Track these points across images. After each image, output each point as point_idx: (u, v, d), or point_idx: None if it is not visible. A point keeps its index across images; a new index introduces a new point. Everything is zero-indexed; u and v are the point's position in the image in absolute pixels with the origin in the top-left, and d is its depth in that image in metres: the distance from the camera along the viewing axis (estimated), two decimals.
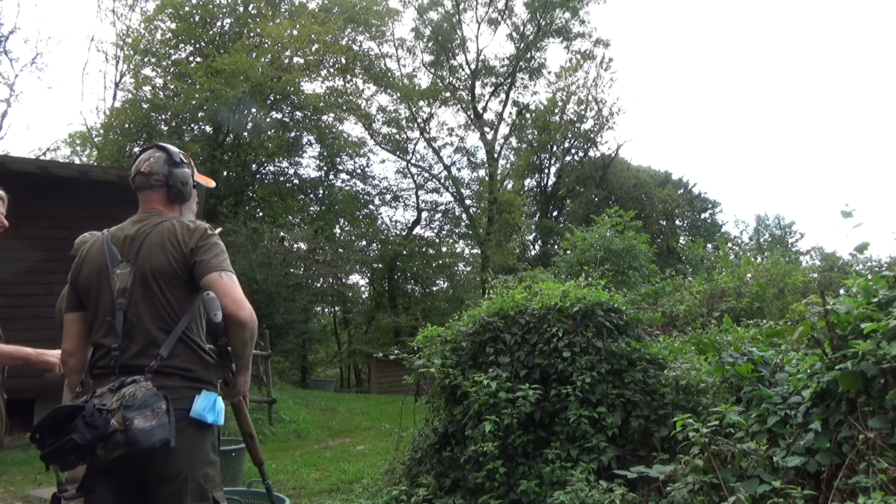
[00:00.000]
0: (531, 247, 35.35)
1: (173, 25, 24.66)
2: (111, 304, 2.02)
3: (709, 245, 23.22)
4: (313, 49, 25.11)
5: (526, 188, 35.66)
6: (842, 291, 6.79)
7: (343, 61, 26.77)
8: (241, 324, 1.96)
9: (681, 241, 29.73)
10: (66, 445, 1.73)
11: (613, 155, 32.95)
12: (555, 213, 35.42)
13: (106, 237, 2.16)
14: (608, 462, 4.32)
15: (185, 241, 2.05)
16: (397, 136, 30.92)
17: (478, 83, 31.26)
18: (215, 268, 2.02)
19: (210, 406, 1.97)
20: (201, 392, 1.97)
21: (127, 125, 23.56)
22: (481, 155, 31.82)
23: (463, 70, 31.42)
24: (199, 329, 2.09)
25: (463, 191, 31.72)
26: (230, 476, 5.26)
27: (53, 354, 2.43)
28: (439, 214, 32.79)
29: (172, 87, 23.88)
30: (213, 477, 1.98)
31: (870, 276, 3.88)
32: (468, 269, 32.06)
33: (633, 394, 4.61)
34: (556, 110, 32.04)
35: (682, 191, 36.67)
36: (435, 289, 31.54)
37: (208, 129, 24.49)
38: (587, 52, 31.01)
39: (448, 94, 30.92)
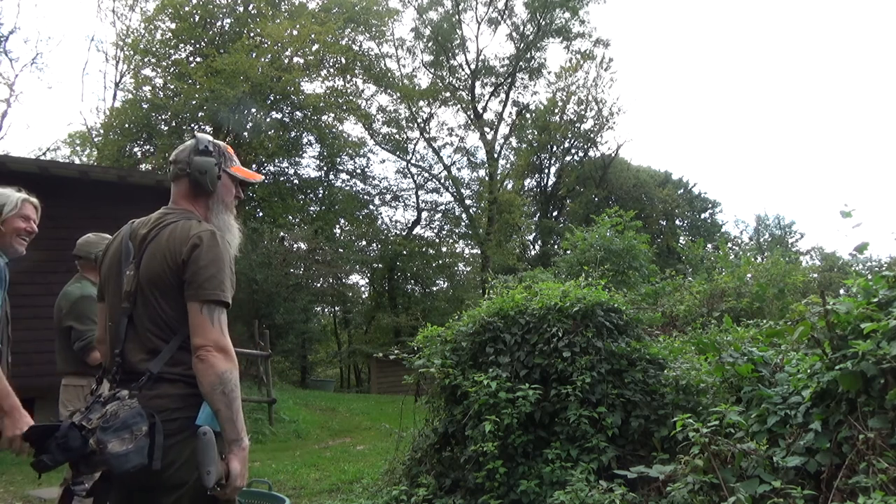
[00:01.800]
0: (531, 247, 35.37)
1: (173, 25, 24.68)
2: (118, 307, 1.96)
3: (709, 245, 23.21)
4: (313, 49, 25.15)
5: (526, 188, 35.67)
6: (842, 291, 6.80)
7: (343, 61, 26.79)
8: (202, 361, 1.79)
9: (681, 241, 29.73)
10: (38, 466, 1.70)
11: (613, 155, 32.98)
12: (555, 213, 35.44)
13: (126, 232, 2.05)
14: (608, 462, 4.32)
15: (180, 251, 1.89)
16: (397, 136, 30.96)
17: (478, 83, 31.29)
18: (200, 296, 1.84)
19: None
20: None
21: (127, 125, 23.60)
22: (481, 155, 31.90)
23: (463, 70, 31.47)
24: None
25: (463, 191, 31.76)
26: None
27: (21, 424, 2.31)
28: (439, 214, 32.85)
29: (172, 87, 23.91)
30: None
31: (870, 276, 3.88)
32: (468, 269, 32.09)
33: (633, 394, 4.61)
34: (556, 110, 32.06)
35: (682, 191, 36.68)
36: (435, 289, 31.55)
37: (208, 129, 24.46)
38: (587, 52, 31.05)
39: (448, 94, 30.93)
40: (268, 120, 24.56)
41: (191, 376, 1.85)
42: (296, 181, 28.40)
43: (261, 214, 24.94)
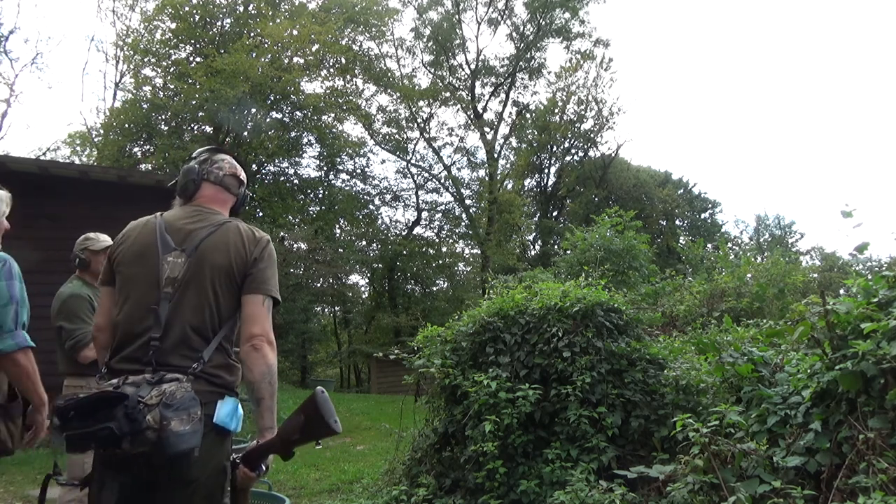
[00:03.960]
0: (531, 247, 35.35)
1: (173, 25, 24.66)
2: (155, 292, 1.94)
3: (709, 245, 23.20)
4: (313, 49, 25.12)
5: (526, 188, 35.66)
6: (842, 291, 6.79)
7: (343, 61, 26.78)
8: (257, 350, 1.93)
9: (681, 241, 29.72)
10: (101, 433, 1.64)
11: (613, 155, 32.96)
12: (555, 213, 35.42)
13: (160, 223, 2.07)
14: (608, 462, 4.32)
15: (251, 249, 2.04)
16: (397, 136, 30.94)
17: (478, 83, 31.27)
18: (263, 290, 2.01)
19: (232, 412, 1.93)
20: (224, 397, 1.92)
21: (127, 125, 23.58)
22: (481, 155, 31.87)
23: (463, 70, 31.44)
24: (233, 335, 2.04)
25: (463, 191, 31.73)
26: None
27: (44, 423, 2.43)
28: (439, 214, 32.82)
29: (172, 87, 23.89)
30: (223, 484, 1.94)
31: (870, 276, 3.88)
32: (468, 269, 32.07)
33: (633, 394, 4.61)
34: (556, 110, 32.04)
35: (682, 191, 36.66)
36: (435, 289, 31.54)
37: (208, 129, 24.48)
38: (587, 52, 31.02)
39: (448, 94, 30.90)
40: (268, 120, 24.54)
41: (213, 374, 1.91)
42: (296, 181, 28.39)
43: (261, 214, 24.93)
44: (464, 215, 31.67)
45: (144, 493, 1.84)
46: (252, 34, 25.02)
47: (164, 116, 23.90)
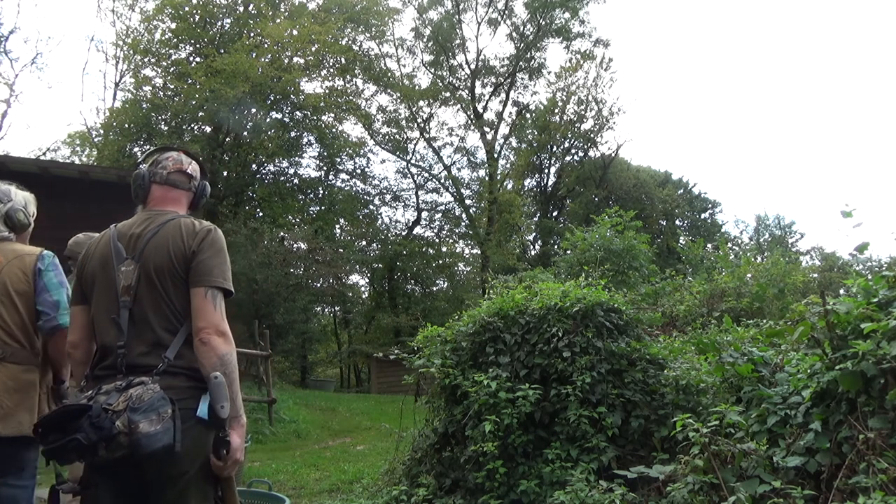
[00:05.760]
0: (531, 247, 35.36)
1: (173, 25, 24.67)
2: (115, 302, 1.99)
3: (709, 245, 23.18)
4: (313, 49, 25.12)
5: (526, 188, 35.67)
6: (842, 291, 6.79)
7: (343, 61, 26.79)
8: (204, 343, 1.90)
9: (681, 241, 29.67)
10: (70, 444, 1.71)
11: (613, 155, 32.97)
12: (555, 213, 35.43)
13: (112, 234, 2.11)
14: (608, 462, 4.31)
15: (189, 243, 2.03)
16: (397, 136, 30.98)
17: (478, 83, 31.29)
18: (206, 282, 1.98)
19: None
20: (207, 392, 1.93)
21: (127, 125, 23.58)
22: (481, 155, 31.90)
23: (463, 70, 31.47)
24: None
25: (463, 191, 31.76)
26: None
27: None
28: (439, 214, 32.86)
29: (172, 87, 23.89)
30: (213, 477, 1.96)
31: (870, 276, 3.88)
32: (468, 269, 32.10)
33: (633, 394, 4.61)
34: (556, 110, 32.05)
35: (682, 191, 36.68)
36: (435, 289, 31.57)
37: (208, 129, 24.48)
38: (587, 52, 31.04)
39: (448, 94, 30.94)
40: (268, 120, 24.55)
41: (192, 369, 1.93)
42: (296, 181, 28.41)
43: (261, 214, 24.95)
44: (464, 215, 31.69)
45: (140, 493, 1.89)
46: (252, 34, 25.03)
47: (164, 116, 23.91)
